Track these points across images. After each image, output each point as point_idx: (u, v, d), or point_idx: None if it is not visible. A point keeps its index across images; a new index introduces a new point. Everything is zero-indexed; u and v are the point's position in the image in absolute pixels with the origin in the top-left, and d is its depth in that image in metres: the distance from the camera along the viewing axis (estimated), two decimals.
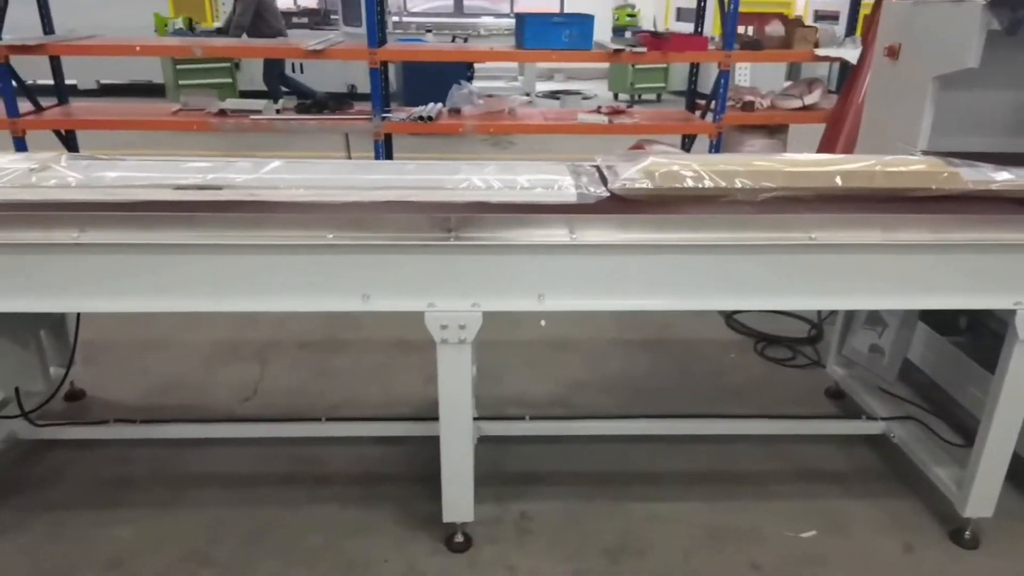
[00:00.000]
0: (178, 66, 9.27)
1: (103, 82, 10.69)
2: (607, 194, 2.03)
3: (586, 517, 2.43)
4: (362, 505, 2.47)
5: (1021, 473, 2.39)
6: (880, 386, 2.89)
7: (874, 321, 2.80)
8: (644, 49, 5.12)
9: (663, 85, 11.43)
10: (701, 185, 2.02)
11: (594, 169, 2.23)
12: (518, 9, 12.89)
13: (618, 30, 11.86)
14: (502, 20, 12.79)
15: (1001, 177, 2.10)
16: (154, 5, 9.73)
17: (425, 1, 13.45)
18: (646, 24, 12.49)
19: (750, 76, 9.61)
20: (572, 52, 5.10)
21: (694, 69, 6.06)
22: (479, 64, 9.84)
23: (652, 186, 2.02)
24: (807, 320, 3.86)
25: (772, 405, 3.11)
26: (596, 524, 2.40)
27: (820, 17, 10.25)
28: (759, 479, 2.65)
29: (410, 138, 7.00)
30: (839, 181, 2.06)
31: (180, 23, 8.72)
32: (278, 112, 5.30)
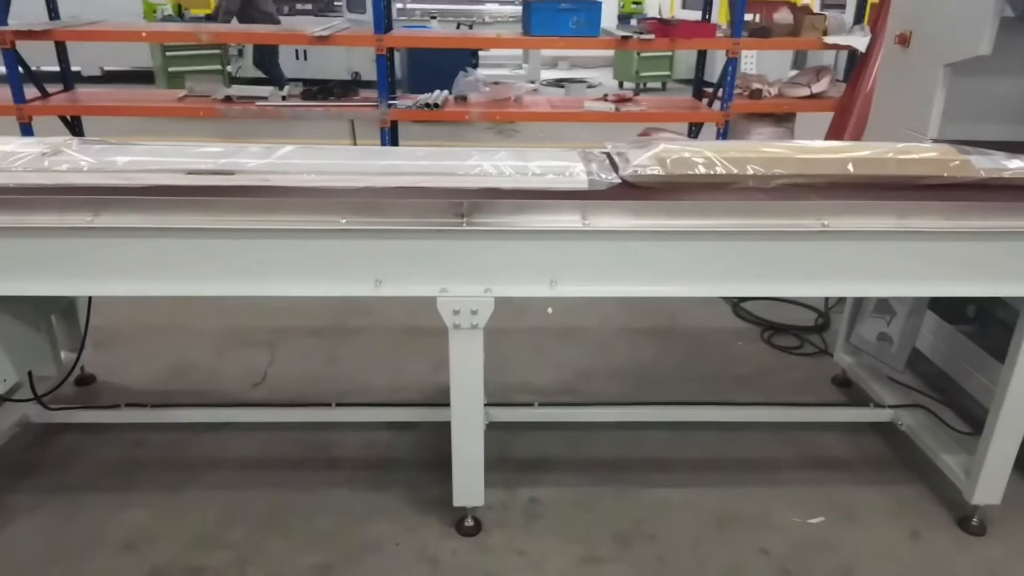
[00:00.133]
0: (167, 53, 9.15)
1: (107, 69, 10.66)
2: (618, 180, 2.03)
3: (595, 503, 2.45)
4: (372, 489, 2.49)
5: None
6: (888, 375, 2.89)
7: (882, 309, 2.79)
8: (652, 36, 5.09)
9: (668, 73, 11.36)
10: (713, 171, 2.02)
11: (604, 156, 2.23)
12: None
13: (624, 17, 11.81)
14: (506, 7, 12.71)
15: (1013, 165, 2.10)
16: None
17: None
18: (652, 11, 12.42)
19: (756, 64, 9.57)
20: (579, 39, 5.08)
21: (701, 57, 6.03)
22: (483, 52, 9.79)
23: (663, 172, 2.02)
24: (814, 309, 3.86)
25: (779, 393, 3.12)
26: (605, 510, 2.42)
27: (827, 5, 10.19)
28: (767, 466, 2.67)
29: (414, 126, 6.99)
30: (851, 168, 2.06)
31: (169, 9, 8.57)
32: (284, 99, 5.29)
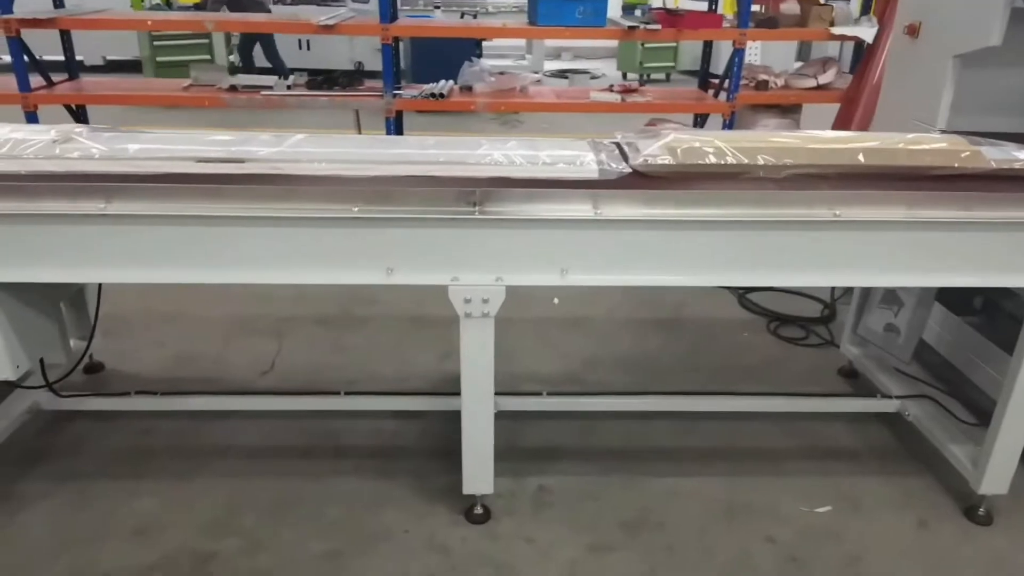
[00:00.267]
0: (155, 42, 9.08)
1: (109, 58, 10.62)
2: (629, 170, 2.04)
3: (603, 492, 2.46)
4: (380, 478, 2.50)
5: None
6: (894, 366, 2.89)
7: (890, 300, 2.80)
8: (658, 26, 5.06)
9: (672, 64, 11.33)
10: (723, 161, 2.02)
11: (614, 145, 2.23)
12: None
13: (628, 8, 11.74)
14: None
15: None
16: None
17: None
18: (657, 1, 12.36)
19: (761, 55, 9.54)
20: (586, 29, 5.04)
21: (707, 48, 6.01)
22: (486, 42, 9.76)
23: (674, 162, 2.02)
24: (820, 300, 3.86)
25: (786, 384, 3.12)
26: (613, 498, 2.43)
27: None
28: (774, 456, 2.68)
29: (418, 117, 6.98)
30: (862, 158, 2.06)
31: None
32: (289, 88, 5.27)
